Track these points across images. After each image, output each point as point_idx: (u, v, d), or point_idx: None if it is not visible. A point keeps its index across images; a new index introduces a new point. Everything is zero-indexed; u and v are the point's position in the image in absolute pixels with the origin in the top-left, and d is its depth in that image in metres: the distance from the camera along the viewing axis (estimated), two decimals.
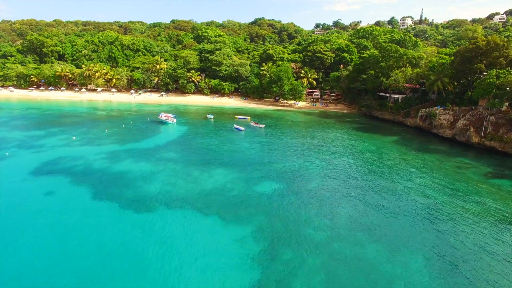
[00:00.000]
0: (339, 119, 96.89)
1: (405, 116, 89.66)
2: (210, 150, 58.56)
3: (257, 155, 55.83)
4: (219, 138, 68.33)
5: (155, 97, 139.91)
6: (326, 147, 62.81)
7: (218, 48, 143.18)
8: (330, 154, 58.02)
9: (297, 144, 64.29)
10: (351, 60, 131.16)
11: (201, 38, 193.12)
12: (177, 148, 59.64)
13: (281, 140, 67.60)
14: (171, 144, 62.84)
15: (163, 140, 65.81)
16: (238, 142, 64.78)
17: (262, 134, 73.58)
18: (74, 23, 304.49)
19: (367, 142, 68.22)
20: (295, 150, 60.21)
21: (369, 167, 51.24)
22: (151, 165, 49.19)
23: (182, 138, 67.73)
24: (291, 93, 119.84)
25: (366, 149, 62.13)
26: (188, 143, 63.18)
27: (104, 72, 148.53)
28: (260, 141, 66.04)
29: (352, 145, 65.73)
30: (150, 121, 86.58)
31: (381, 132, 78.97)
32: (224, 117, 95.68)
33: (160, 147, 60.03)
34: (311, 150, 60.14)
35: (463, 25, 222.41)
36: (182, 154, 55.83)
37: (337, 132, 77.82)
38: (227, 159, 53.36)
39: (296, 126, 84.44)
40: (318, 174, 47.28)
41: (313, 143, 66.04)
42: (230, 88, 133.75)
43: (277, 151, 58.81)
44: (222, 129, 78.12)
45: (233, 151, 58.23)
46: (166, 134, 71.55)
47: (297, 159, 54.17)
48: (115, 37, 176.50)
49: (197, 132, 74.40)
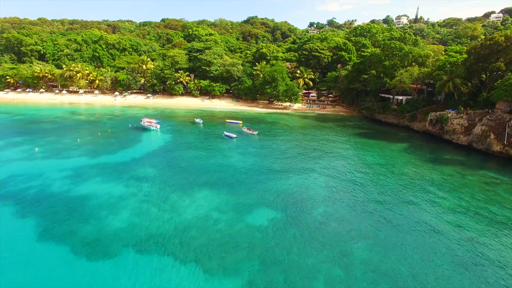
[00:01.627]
0: (339, 123, 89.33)
1: (411, 119, 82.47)
2: (195, 164, 50.31)
3: (249, 170, 47.78)
4: (207, 148, 60.13)
5: (141, 99, 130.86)
6: (328, 159, 55.04)
7: (208, 46, 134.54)
8: (334, 168, 50.24)
9: (295, 155, 56.38)
10: (350, 59, 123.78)
11: (191, 37, 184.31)
12: (157, 162, 51.25)
13: (277, 150, 59.66)
14: (150, 156, 54.42)
15: (142, 151, 57.35)
16: (228, 153, 56.66)
17: (255, 142, 65.59)
18: (60, 22, 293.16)
19: (373, 151, 60.66)
20: (293, 162, 52.31)
21: (380, 186, 43.55)
22: (121, 187, 40.79)
23: (164, 149, 59.32)
24: (286, 95, 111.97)
25: (373, 161, 54.51)
26: (171, 156, 54.79)
27: (87, 72, 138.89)
28: (253, 152, 58.02)
29: (357, 155, 58.08)
30: (132, 127, 77.90)
31: (387, 138, 71.56)
32: (214, 122, 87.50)
33: (137, 161, 51.59)
34: (312, 163, 52.31)
35: (460, 23, 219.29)
36: (161, 170, 47.48)
37: (339, 139, 70.18)
38: (214, 176, 45.19)
39: (292, 132, 76.58)
40: (322, 197, 39.41)
41: (313, 153, 58.21)
42: (221, 90, 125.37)
43: (272, 165, 50.84)
44: (211, 136, 69.89)
45: (222, 165, 50.06)
46: (146, 144, 63.07)
47: (296, 175, 46.26)
48: (100, 36, 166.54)
49: (183, 140, 66.04)
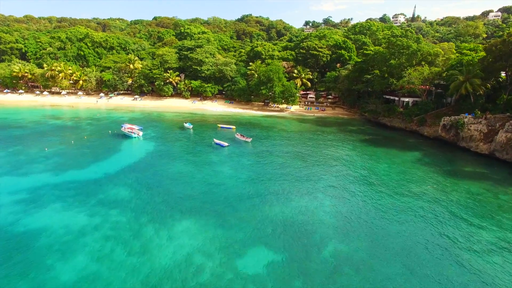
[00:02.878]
0: (341, 127, 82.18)
1: (419, 124, 75.63)
2: (179, 182, 42.59)
3: (242, 191, 40.25)
4: (195, 160, 52.43)
5: (127, 101, 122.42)
6: (334, 173, 47.73)
7: (199, 45, 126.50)
8: (342, 186, 42.93)
9: (295, 170, 48.95)
10: (350, 58, 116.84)
11: (183, 35, 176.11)
12: (134, 179, 43.42)
13: (274, 162, 52.18)
14: (127, 172, 46.55)
15: (118, 164, 49.43)
16: (218, 167, 49.03)
17: (249, 152, 58.04)
18: (47, 20, 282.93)
19: (384, 163, 53.52)
20: (293, 179, 44.87)
21: (401, 210, 36.34)
22: (84, 216, 32.96)
23: (145, 162, 51.46)
24: (283, 96, 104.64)
25: (386, 175, 47.33)
26: (151, 171, 46.99)
27: (70, 72, 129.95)
28: (247, 165, 50.45)
29: (366, 168, 50.82)
30: (112, 134, 69.83)
31: (396, 146, 64.55)
32: (205, 126, 79.74)
33: (110, 178, 43.71)
34: (315, 179, 44.95)
35: (459, 22, 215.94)
36: (137, 191, 39.70)
37: (343, 147, 62.98)
38: (200, 199, 37.55)
39: (290, 139, 69.17)
40: (332, 228, 32.03)
41: (315, 167, 50.83)
42: (213, 91, 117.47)
43: (269, 182, 43.36)
44: (200, 144, 62.18)
45: (210, 183, 42.42)
46: (125, 155, 55.16)
47: (297, 197, 38.85)
48: (85, 33, 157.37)
49: (168, 150, 58.23)
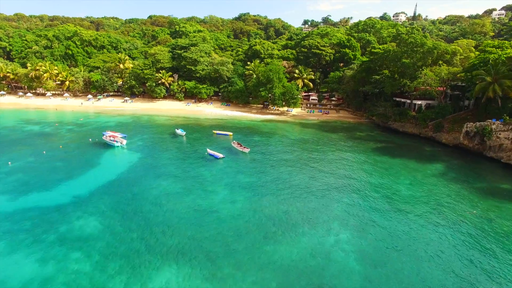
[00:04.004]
0: (348, 133, 74.70)
1: (435, 129, 68.28)
2: (163, 209, 34.85)
3: (240, 221, 32.59)
4: (184, 177, 44.68)
5: (117, 103, 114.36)
6: (348, 193, 40.17)
7: (194, 43, 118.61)
8: (361, 213, 35.33)
9: (302, 189, 41.35)
10: (354, 57, 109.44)
11: (178, 34, 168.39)
12: (108, 205, 35.65)
13: (276, 179, 44.58)
14: (101, 193, 38.74)
15: (93, 183, 41.65)
16: (212, 186, 41.33)
17: (247, 165, 50.40)
18: (39, 18, 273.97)
19: (404, 178, 46.03)
20: (300, 202, 37.32)
21: (442, 252, 28.91)
22: (33, 263, 25.17)
23: (125, 179, 43.66)
24: (284, 98, 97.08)
25: (411, 196, 39.84)
26: (131, 192, 39.18)
27: (56, 72, 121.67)
28: (245, 183, 42.78)
29: (386, 186, 43.24)
30: (93, 142, 62.00)
31: (413, 155, 57.14)
32: (199, 132, 71.98)
33: (80, 203, 35.93)
34: (326, 203, 37.41)
35: (462, 20, 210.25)
36: (109, 222, 31.90)
37: (355, 158, 55.49)
38: (187, 234, 29.83)
39: (294, 148, 61.59)
40: (356, 279, 24.48)
41: (325, 186, 43.24)
42: (208, 92, 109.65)
43: (272, 207, 35.72)
44: (192, 156, 54.44)
45: (200, 210, 34.72)
46: (103, 170, 47.33)
47: (308, 230, 31.24)
48: (74, 31, 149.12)
49: (154, 163, 50.44)
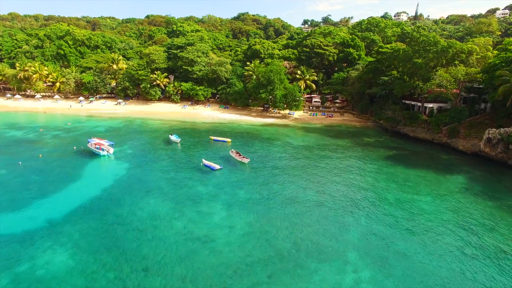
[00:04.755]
0: (356, 139, 69.29)
1: (450, 135, 62.98)
2: (148, 239, 29.27)
3: (239, 253, 27.07)
4: (175, 194, 39.09)
5: (109, 105, 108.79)
6: (364, 214, 34.70)
7: (190, 42, 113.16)
8: (382, 241, 29.93)
9: (310, 209, 35.98)
10: (359, 57, 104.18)
11: (176, 33, 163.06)
12: (83, 232, 30.08)
13: (280, 196, 39.12)
14: (78, 216, 33.18)
15: (69, 203, 36.11)
16: (207, 206, 35.85)
17: (247, 177, 44.97)
18: (34, 17, 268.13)
19: (424, 193, 40.64)
20: (309, 227, 31.92)
21: None
22: None
23: (107, 197, 38.10)
24: (285, 101, 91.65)
25: (437, 218, 34.37)
26: (112, 214, 33.65)
27: (46, 73, 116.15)
28: (245, 200, 37.31)
29: (406, 204, 37.79)
30: (78, 150, 56.50)
31: (430, 165, 51.76)
32: (195, 138, 66.52)
33: (49, 231, 30.36)
34: (339, 227, 32.00)
35: (465, 20, 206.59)
36: (81, 258, 26.26)
37: (366, 168, 50.05)
38: (175, 274, 24.19)
39: (298, 157, 56.16)
40: None
41: (336, 205, 37.83)
42: (205, 94, 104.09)
43: (277, 234, 30.28)
44: (186, 167, 48.94)
45: (192, 239, 29.12)
46: (83, 185, 41.79)
47: (321, 265, 25.76)
48: (66, 30, 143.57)
49: (142, 177, 44.89)
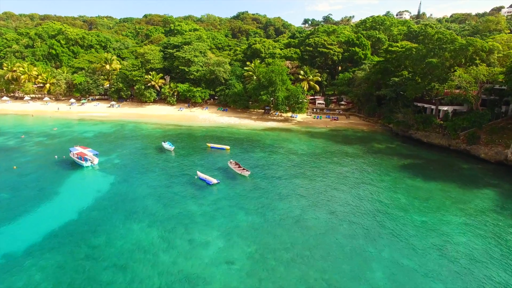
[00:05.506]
0: (365, 145, 63.78)
1: (469, 141, 57.52)
2: (125, 280, 23.69)
3: None
4: (164, 216, 33.49)
5: (102, 108, 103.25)
6: (386, 243, 29.16)
7: (187, 41, 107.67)
8: (414, 284, 24.51)
9: (322, 236, 30.47)
10: (365, 56, 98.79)
11: (173, 33, 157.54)
12: (48, 270, 24.47)
13: (287, 218, 33.58)
14: (45, 248, 27.55)
15: (38, 228, 30.52)
16: (200, 232, 30.22)
17: (248, 193, 39.41)
18: (29, 17, 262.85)
19: (451, 213, 35.09)
20: (324, 262, 26.45)
21: None
22: None
23: (85, 221, 32.48)
24: (288, 103, 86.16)
25: (473, 248, 28.93)
26: (87, 244, 28.08)
27: (35, 74, 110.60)
28: (246, 226, 31.74)
29: (433, 230, 32.10)
30: (59, 160, 50.95)
31: (450, 176, 46.23)
32: (191, 146, 60.95)
33: (7, 269, 24.88)
34: (361, 263, 26.50)
35: (469, 18, 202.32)
36: None
37: (380, 181, 44.49)
38: None
39: (304, 167, 50.59)
40: None
41: (351, 226, 32.38)
42: (203, 96, 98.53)
43: (286, 275, 24.83)
44: (179, 181, 43.35)
45: (181, 280, 23.46)
46: (59, 204, 36.15)
47: None
48: (58, 29, 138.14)
49: (127, 193, 39.27)
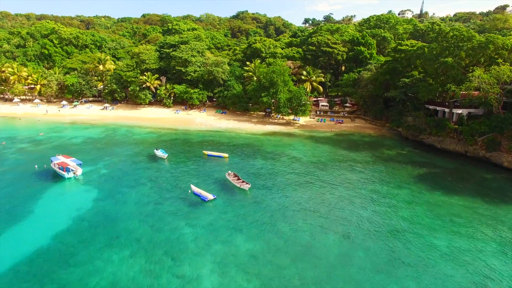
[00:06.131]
0: (375, 152, 59.05)
1: (489, 147, 52.83)
2: None
3: None
4: (150, 244, 28.66)
5: (95, 110, 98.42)
6: (413, 281, 24.57)
7: (184, 41, 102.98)
8: None
9: (335, 269, 25.76)
10: (371, 56, 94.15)
11: (171, 32, 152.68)
12: None
13: (294, 245, 28.85)
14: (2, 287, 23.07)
15: (0, 258, 25.95)
16: (192, 264, 25.39)
17: (248, 212, 34.63)
18: (25, 16, 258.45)
19: (486, 238, 30.30)
20: None
21: None
22: None
23: (55, 249, 27.68)
24: (290, 105, 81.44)
25: None
26: (53, 283, 23.40)
27: (25, 75, 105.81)
28: (246, 255, 26.95)
29: (468, 264, 27.59)
30: (40, 170, 46.18)
31: (473, 189, 41.54)
32: (186, 153, 56.10)
33: None
34: None
35: (474, 17, 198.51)
36: None
37: (395, 195, 39.72)
38: None
39: (310, 178, 45.88)
40: None
41: (369, 256, 27.69)
42: (201, 97, 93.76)
43: None
44: (170, 196, 38.55)
45: None
46: (30, 227, 31.31)
47: None
48: (51, 29, 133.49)
49: (110, 212, 34.48)
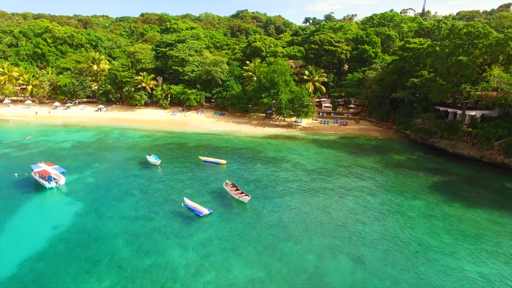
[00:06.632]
0: (382, 156, 55.19)
1: (508, 152, 48.83)
2: None
3: None
4: (135, 270, 24.65)
5: (89, 112, 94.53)
6: None
7: (181, 39, 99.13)
8: None
9: None
10: (375, 55, 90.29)
11: (169, 31, 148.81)
12: None
13: (299, 272, 25.00)
14: None
15: None
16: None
17: (247, 229, 30.69)
18: (22, 16, 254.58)
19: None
20: None
21: None
22: None
23: (21, 278, 24.02)
24: (292, 107, 77.52)
25: None
26: None
27: (16, 75, 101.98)
28: (246, 278, 23.24)
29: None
30: (20, 178, 42.31)
31: (495, 200, 37.69)
32: (181, 159, 52.16)
33: None
34: None
35: (477, 16, 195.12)
36: None
37: (410, 207, 35.82)
38: None
39: (314, 187, 41.99)
40: None
41: (385, 284, 23.82)
42: (198, 98, 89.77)
43: None
44: (161, 210, 34.62)
45: None
46: (1, 246, 27.73)
47: None
48: (45, 27, 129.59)
49: (93, 230, 30.55)
